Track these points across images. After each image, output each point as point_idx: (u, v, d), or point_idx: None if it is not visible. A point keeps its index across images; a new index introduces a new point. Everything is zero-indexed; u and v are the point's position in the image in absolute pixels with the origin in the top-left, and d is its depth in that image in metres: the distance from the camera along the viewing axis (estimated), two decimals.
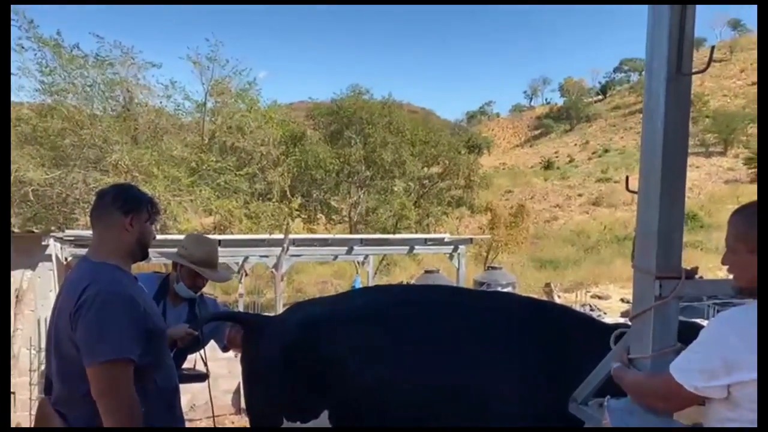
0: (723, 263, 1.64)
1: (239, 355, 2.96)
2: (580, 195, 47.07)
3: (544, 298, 13.08)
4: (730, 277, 1.63)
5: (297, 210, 20.68)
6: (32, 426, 5.50)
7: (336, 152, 24.40)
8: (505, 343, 2.42)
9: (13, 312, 5.78)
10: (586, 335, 2.42)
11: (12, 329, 5.63)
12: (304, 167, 23.48)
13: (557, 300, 13.59)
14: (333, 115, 26.64)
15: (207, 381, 3.25)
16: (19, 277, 5.99)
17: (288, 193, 21.12)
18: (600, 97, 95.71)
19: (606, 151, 63.83)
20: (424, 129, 27.54)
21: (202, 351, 3.09)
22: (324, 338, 2.58)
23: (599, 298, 21.90)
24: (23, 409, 5.91)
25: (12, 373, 5.34)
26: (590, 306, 17.46)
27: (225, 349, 3.09)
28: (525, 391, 2.31)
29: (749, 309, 1.44)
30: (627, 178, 2.33)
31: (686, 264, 1.82)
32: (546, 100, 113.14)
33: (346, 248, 10.84)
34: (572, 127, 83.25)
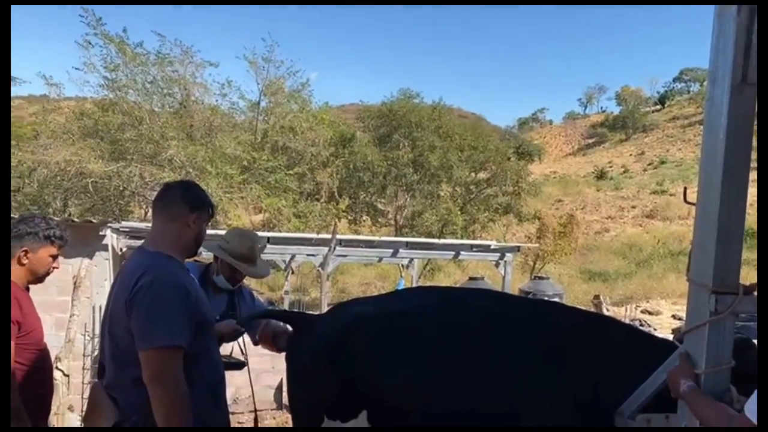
0: None
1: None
2: (633, 207, 45.76)
3: (593, 310, 12.79)
4: None
5: (344, 211, 20.84)
6: (83, 409, 5.70)
7: (384, 155, 24.49)
8: (548, 361, 2.34)
9: (71, 298, 6.03)
10: (638, 350, 2.34)
11: (69, 314, 5.87)
12: (353, 169, 23.65)
13: (606, 313, 13.26)
14: (383, 117, 26.74)
15: (249, 374, 3.30)
16: (77, 265, 6.24)
17: (336, 194, 21.32)
18: (658, 106, 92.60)
19: (662, 162, 61.86)
20: (473, 134, 27.36)
21: (240, 339, 3.13)
22: (368, 339, 2.57)
23: (650, 313, 21.25)
24: (76, 393, 6.15)
25: (67, 357, 5.56)
26: (640, 321, 16.99)
27: (256, 342, 3.14)
28: (561, 408, 2.23)
29: None
30: (685, 189, 2.26)
31: (743, 282, 1.75)
32: (601, 108, 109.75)
33: (391, 251, 10.85)
34: (628, 137, 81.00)
